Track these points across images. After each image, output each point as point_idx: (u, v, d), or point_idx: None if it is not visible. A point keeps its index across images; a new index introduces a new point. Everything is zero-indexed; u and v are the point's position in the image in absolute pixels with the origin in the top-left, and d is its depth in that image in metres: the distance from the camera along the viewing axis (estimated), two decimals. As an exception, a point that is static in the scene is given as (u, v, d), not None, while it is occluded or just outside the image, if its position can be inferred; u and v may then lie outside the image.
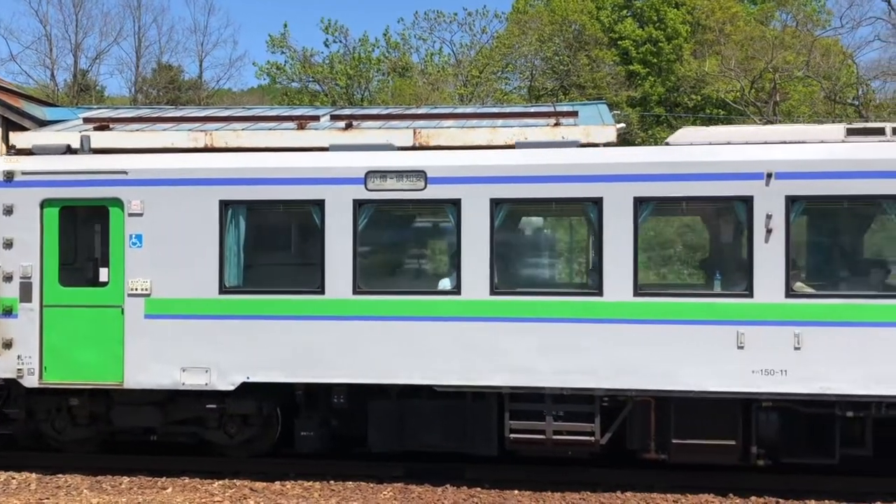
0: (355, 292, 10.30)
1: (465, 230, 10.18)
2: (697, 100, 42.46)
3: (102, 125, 15.13)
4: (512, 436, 10.17)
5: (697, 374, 9.72)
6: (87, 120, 15.65)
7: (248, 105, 27.80)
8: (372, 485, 10.51)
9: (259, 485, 10.54)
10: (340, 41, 45.84)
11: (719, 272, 10.18)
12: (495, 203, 10.16)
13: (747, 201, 9.74)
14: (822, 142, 10.01)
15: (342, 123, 15.00)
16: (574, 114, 15.21)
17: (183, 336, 10.50)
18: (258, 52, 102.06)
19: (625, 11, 46.14)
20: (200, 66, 53.25)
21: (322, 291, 10.37)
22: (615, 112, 22.29)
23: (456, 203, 10.22)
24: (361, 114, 16.74)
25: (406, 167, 10.34)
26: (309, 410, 10.77)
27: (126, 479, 10.79)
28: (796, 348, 9.58)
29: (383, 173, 10.33)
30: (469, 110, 18.43)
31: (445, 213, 10.41)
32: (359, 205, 10.35)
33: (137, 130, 14.89)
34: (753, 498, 9.98)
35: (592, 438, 10.04)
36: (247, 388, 10.51)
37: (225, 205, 10.54)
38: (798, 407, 9.75)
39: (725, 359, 9.68)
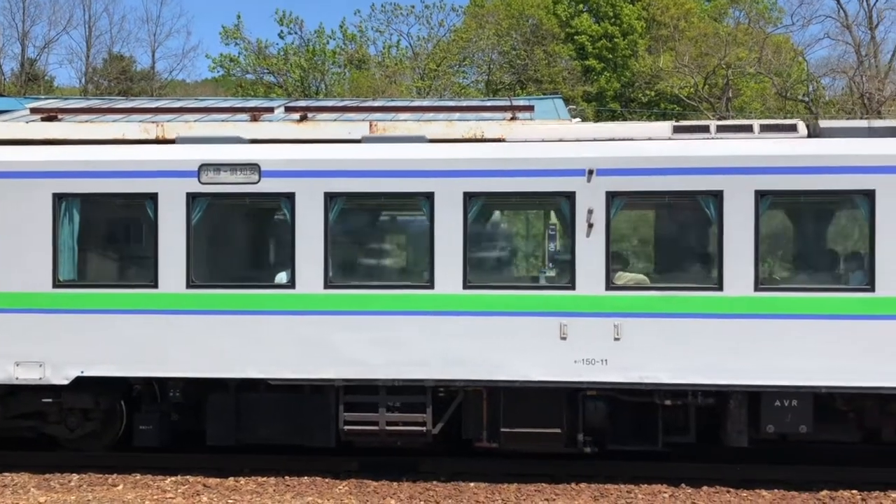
0: (189, 286, 10.37)
1: (300, 224, 10.29)
2: (652, 95, 42.94)
3: (50, 115, 14.78)
4: (346, 427, 10.32)
5: (523, 364, 9.99)
6: (34, 110, 15.26)
7: (201, 97, 27.42)
8: (327, 479, 10.45)
9: (212, 480, 10.41)
10: (296, 33, 45.47)
11: (544, 265, 10.52)
12: (329, 197, 10.28)
13: (570, 197, 10.01)
14: (649, 139, 10.34)
15: (297, 115, 14.84)
16: (530, 108, 15.22)
17: (16, 330, 10.43)
18: (212, 43, 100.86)
19: (581, 6, 46.42)
20: (153, 56, 52.57)
21: (156, 286, 10.40)
22: (571, 107, 22.44)
23: (290, 197, 10.31)
24: (317, 105, 16.58)
25: (239, 160, 10.39)
26: (150, 405, 10.75)
27: (75, 477, 10.58)
28: (616, 339, 9.89)
29: (217, 166, 10.38)
30: (426, 103, 18.37)
31: (280, 206, 10.46)
32: (192, 198, 10.38)
33: (86, 121, 14.58)
34: (705, 488, 10.12)
35: (424, 429, 10.23)
36: (84, 383, 10.45)
37: (59, 198, 10.50)
38: (621, 396, 10.07)
39: (549, 349, 9.96)
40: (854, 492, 9.95)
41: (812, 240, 10.91)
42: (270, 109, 15.51)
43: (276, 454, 10.97)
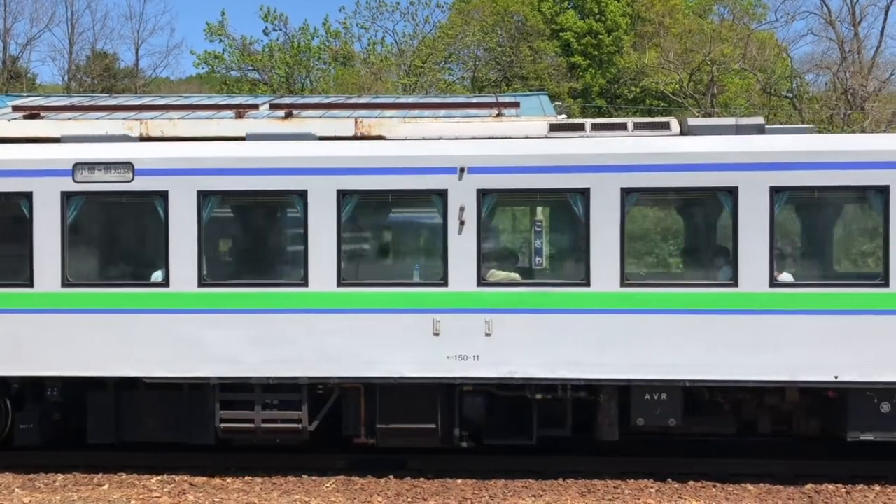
0: (64, 285, 10.36)
1: (173, 222, 10.30)
2: (637, 91, 43.04)
3: (33, 113, 14.67)
4: (222, 425, 10.36)
5: (396, 360, 10.07)
6: (16, 108, 15.15)
7: (185, 94, 27.27)
8: (314, 477, 10.43)
9: (199, 479, 10.37)
10: (280, 29, 45.24)
11: (418, 262, 10.62)
12: (203, 195, 10.29)
13: (442, 195, 10.08)
14: (527, 137, 10.43)
15: (282, 112, 14.79)
16: (516, 104, 15.24)
17: None
18: (196, 40, 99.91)
19: (566, 3, 46.46)
20: (136, 53, 51.74)
21: (31, 285, 10.38)
22: (557, 103, 22.46)
23: (164, 195, 10.32)
24: (302, 102, 16.54)
25: (113, 159, 10.38)
26: (33, 403, 10.74)
27: (60, 477, 10.52)
28: (487, 334, 9.98)
29: (91, 165, 10.38)
30: (412, 100, 18.35)
31: (154, 205, 10.44)
32: (67, 197, 10.36)
33: (70, 119, 14.48)
34: (692, 482, 10.17)
35: (300, 426, 10.29)
36: None
37: None
38: (497, 390, 10.19)
39: (422, 345, 10.03)
40: (839, 485, 10.02)
41: (678, 236, 11.08)
42: (255, 106, 15.46)
43: (263, 453, 10.94)
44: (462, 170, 10.03)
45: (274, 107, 15.33)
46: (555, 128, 10.66)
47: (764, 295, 9.78)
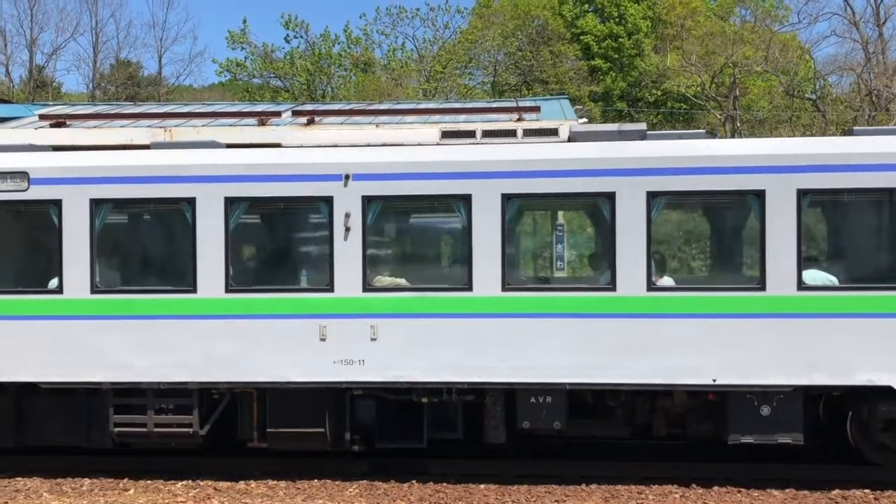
0: None
1: (67, 230, 10.47)
2: (659, 94, 42.87)
3: (59, 122, 14.85)
4: (116, 429, 10.53)
5: (284, 365, 10.19)
6: (42, 117, 15.34)
7: (208, 101, 27.50)
8: (337, 482, 10.47)
9: (223, 484, 10.44)
10: (301, 37, 45.54)
11: (305, 268, 10.66)
12: (95, 203, 10.47)
13: (328, 201, 10.23)
14: (419, 144, 10.63)
15: (304, 119, 14.87)
16: (536, 109, 15.22)
17: None
18: (218, 47, 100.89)
19: (586, 6, 46.39)
20: (160, 61, 52.26)
21: None
22: (577, 107, 22.41)
23: (57, 203, 10.49)
24: (324, 109, 16.61)
25: (9, 168, 10.58)
26: None
27: (87, 481, 10.63)
28: (373, 339, 10.11)
29: None
30: (432, 105, 18.39)
31: (49, 213, 10.58)
32: None
33: (94, 127, 14.64)
34: (716, 488, 10.10)
35: (191, 430, 10.45)
36: None
37: None
38: (385, 394, 10.31)
39: (309, 350, 10.16)
40: (866, 491, 9.92)
41: (560, 241, 11.12)
42: (278, 114, 15.55)
43: (286, 458, 11.00)
44: (347, 177, 10.20)
45: (296, 114, 15.42)
46: (446, 135, 10.86)
47: (642, 299, 9.85)
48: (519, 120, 14.30)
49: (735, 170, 9.82)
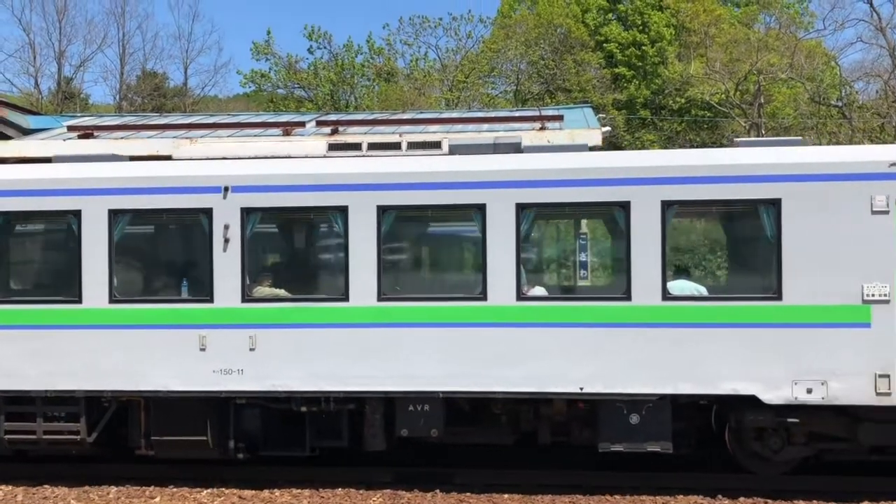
0: None
1: None
2: (682, 102, 42.64)
3: (87, 133, 15.05)
4: (7, 437, 10.78)
5: (165, 375, 10.41)
6: (71, 128, 15.56)
7: (233, 112, 27.75)
8: (361, 491, 10.49)
9: (248, 492, 10.50)
10: (325, 47, 45.81)
11: (187, 279, 10.82)
12: None
13: (208, 213, 10.47)
14: (307, 156, 10.92)
15: (328, 129, 14.98)
16: (559, 117, 15.24)
17: None
18: (243, 58, 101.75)
19: (610, 15, 46.30)
20: (185, 72, 52.71)
21: None
22: (601, 115, 22.39)
23: None
24: (347, 119, 16.72)
25: None
26: None
27: (114, 489, 10.73)
28: (251, 349, 10.30)
29: None
30: (455, 115, 18.44)
31: None
32: None
33: (122, 138, 14.83)
34: (742, 499, 10.02)
35: (79, 437, 10.66)
36: None
37: None
38: (268, 403, 10.51)
39: (189, 360, 10.38)
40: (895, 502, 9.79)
41: (436, 252, 11.27)
42: (302, 124, 15.67)
43: (311, 467, 11.05)
44: (226, 189, 10.41)
45: (321, 124, 15.53)
46: (333, 147, 11.17)
47: (512, 308, 10.00)
48: (542, 129, 14.31)
49: (603, 181, 10.00)
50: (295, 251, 11.51)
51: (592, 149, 13.55)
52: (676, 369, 9.76)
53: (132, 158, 11.56)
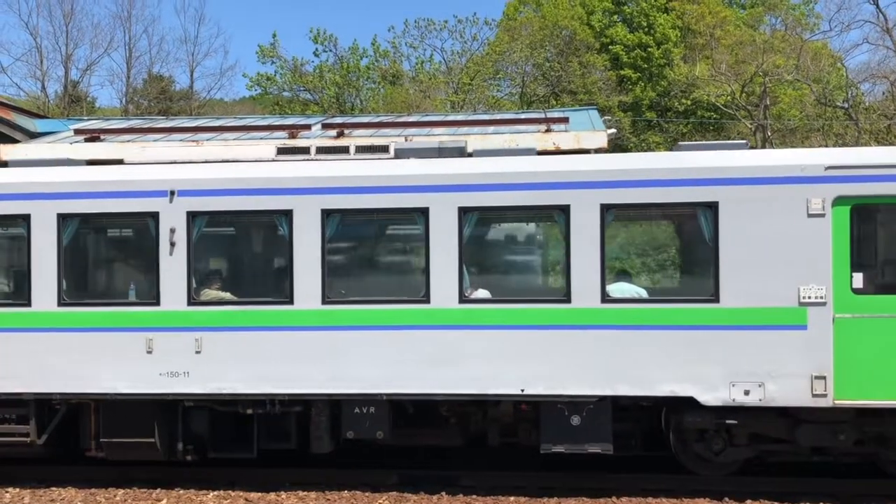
0: None
1: None
2: (688, 104, 42.61)
3: (93, 136, 15.10)
4: None
5: (113, 377, 10.47)
6: (77, 131, 15.62)
7: (239, 115, 27.80)
8: (367, 493, 10.50)
9: (254, 495, 10.51)
10: (330, 50, 45.91)
11: (134, 282, 10.91)
12: None
13: (154, 217, 10.53)
14: (258, 160, 11.08)
15: (334, 132, 15.00)
16: (565, 120, 15.23)
17: None
18: (249, 61, 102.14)
19: (615, 17, 46.29)
20: (191, 76, 52.92)
21: None
22: (606, 118, 22.38)
23: None
24: (353, 122, 16.74)
25: None
26: None
27: (120, 492, 10.75)
28: (197, 352, 10.39)
29: None
30: (460, 117, 18.45)
31: None
32: None
33: (128, 141, 14.87)
34: (749, 501, 9.99)
35: (28, 439, 10.74)
36: None
37: None
38: (215, 406, 10.58)
39: (137, 363, 10.44)
40: None
41: (379, 255, 11.28)
42: (308, 127, 15.70)
43: (317, 468, 11.06)
44: (172, 193, 10.48)
45: (326, 126, 15.56)
46: (282, 151, 11.29)
47: (454, 311, 10.09)
48: (547, 131, 14.31)
49: (544, 185, 10.09)
50: (241, 255, 11.60)
51: (598, 151, 13.58)
52: (615, 371, 9.84)
53: (89, 162, 11.67)
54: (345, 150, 11.18)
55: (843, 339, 9.55)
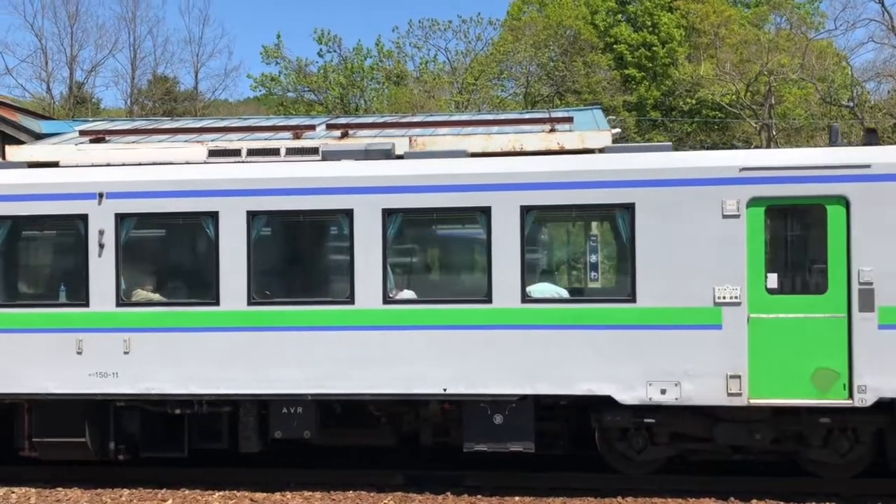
0: None
1: None
2: (693, 103, 42.56)
3: (98, 137, 15.13)
4: None
5: (44, 378, 10.57)
6: (83, 132, 15.65)
7: (244, 115, 27.84)
8: (372, 493, 10.50)
9: (259, 495, 10.52)
10: (334, 51, 45.94)
11: (64, 283, 10.97)
12: None
13: (83, 219, 10.65)
14: (188, 162, 11.23)
15: (338, 132, 15.01)
16: (569, 119, 15.23)
17: None
18: (253, 62, 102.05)
19: (619, 16, 46.25)
20: (196, 77, 52.96)
21: None
22: (611, 117, 22.35)
23: None
24: (357, 122, 16.74)
25: None
26: None
27: (126, 492, 10.78)
28: (126, 353, 10.48)
29: None
30: (465, 117, 18.45)
31: None
32: None
33: (133, 142, 14.90)
34: (754, 501, 9.98)
35: None
36: None
37: None
38: (146, 406, 10.68)
39: (66, 363, 10.53)
40: None
41: (304, 256, 11.32)
42: (312, 127, 15.70)
43: (322, 469, 11.07)
44: (101, 195, 10.59)
45: (330, 127, 15.57)
46: (213, 153, 11.43)
47: (378, 311, 10.20)
48: (552, 131, 14.30)
49: (466, 187, 10.16)
50: (169, 256, 11.71)
51: (602, 151, 13.55)
52: (536, 370, 9.94)
53: (30, 165, 11.79)
54: (275, 152, 11.32)
55: (757, 338, 9.68)
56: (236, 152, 11.43)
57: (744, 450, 10.14)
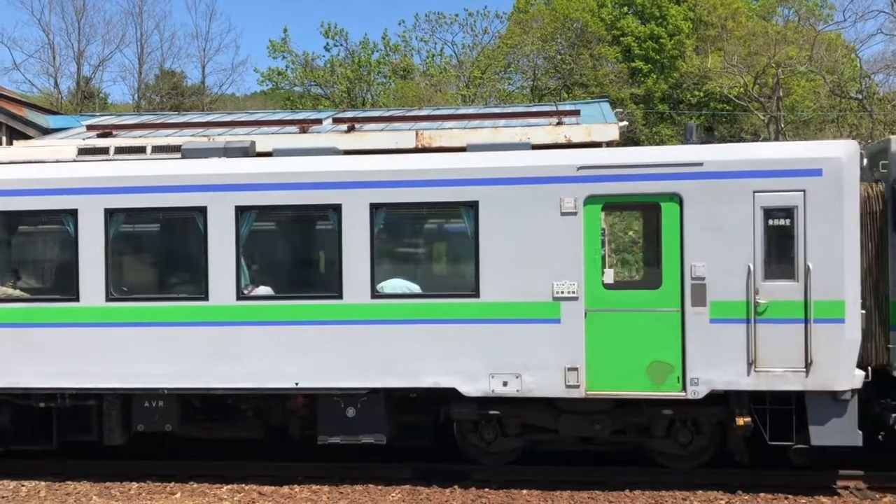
0: None
1: None
2: (701, 96, 42.40)
3: (106, 132, 15.16)
4: None
5: None
6: (90, 127, 15.69)
7: (251, 110, 27.85)
8: (380, 487, 10.52)
9: (267, 489, 10.55)
10: (341, 45, 45.93)
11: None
12: None
13: None
14: (58, 161, 11.31)
15: (345, 126, 15.01)
16: (576, 112, 15.22)
17: None
18: (260, 57, 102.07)
19: (626, 8, 46.08)
20: (203, 71, 53.29)
21: None
22: (618, 110, 22.29)
23: None
24: (364, 116, 16.74)
25: None
26: None
27: (135, 485, 10.82)
28: None
29: None
30: (471, 111, 18.43)
31: None
32: None
33: (140, 136, 14.92)
34: (763, 494, 9.96)
35: None
36: None
37: None
38: (15, 399, 10.88)
39: None
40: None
41: (161, 253, 11.38)
42: (319, 121, 15.71)
43: (330, 462, 11.09)
44: None
45: (337, 121, 15.58)
46: (83, 151, 11.58)
47: (231, 308, 10.39)
48: (559, 124, 14.28)
49: (316, 185, 10.36)
50: (32, 253, 11.82)
51: (609, 144, 13.54)
52: (384, 364, 10.17)
53: None
54: (142, 150, 11.44)
55: (594, 332, 9.90)
56: (104, 150, 11.61)
57: (590, 440, 10.43)
